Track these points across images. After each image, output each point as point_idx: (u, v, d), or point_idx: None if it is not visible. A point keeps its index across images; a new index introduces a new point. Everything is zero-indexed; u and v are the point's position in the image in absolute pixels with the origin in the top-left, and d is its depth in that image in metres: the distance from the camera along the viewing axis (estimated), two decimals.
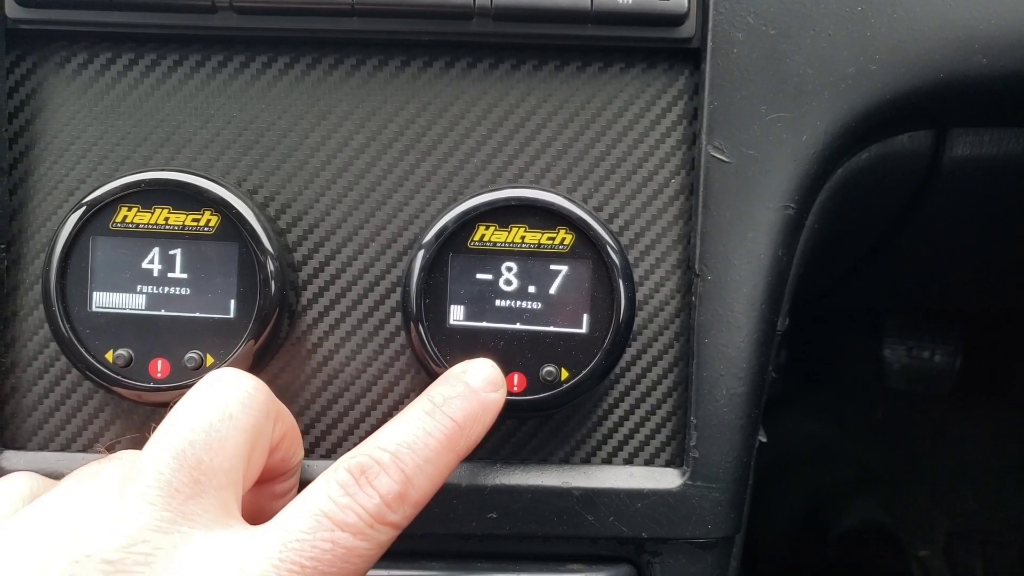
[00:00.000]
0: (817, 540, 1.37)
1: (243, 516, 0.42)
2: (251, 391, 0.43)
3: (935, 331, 1.41)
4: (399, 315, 0.55)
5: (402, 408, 0.54)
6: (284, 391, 0.55)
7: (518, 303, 0.51)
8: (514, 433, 0.55)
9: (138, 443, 0.51)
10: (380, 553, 0.42)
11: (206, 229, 0.51)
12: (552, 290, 0.51)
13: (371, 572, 0.53)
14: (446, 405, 0.45)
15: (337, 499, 0.41)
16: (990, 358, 1.42)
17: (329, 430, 0.55)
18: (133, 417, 0.55)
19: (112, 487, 0.40)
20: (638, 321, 0.55)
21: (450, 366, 0.50)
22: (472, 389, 0.47)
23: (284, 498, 0.49)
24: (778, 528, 1.38)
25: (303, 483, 0.44)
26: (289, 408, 0.55)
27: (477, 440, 0.47)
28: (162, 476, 0.39)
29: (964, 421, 1.42)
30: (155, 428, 0.42)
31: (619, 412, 0.55)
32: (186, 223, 0.51)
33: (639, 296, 0.55)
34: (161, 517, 0.38)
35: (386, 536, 0.42)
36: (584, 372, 0.51)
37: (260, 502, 0.48)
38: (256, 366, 0.52)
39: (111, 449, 0.50)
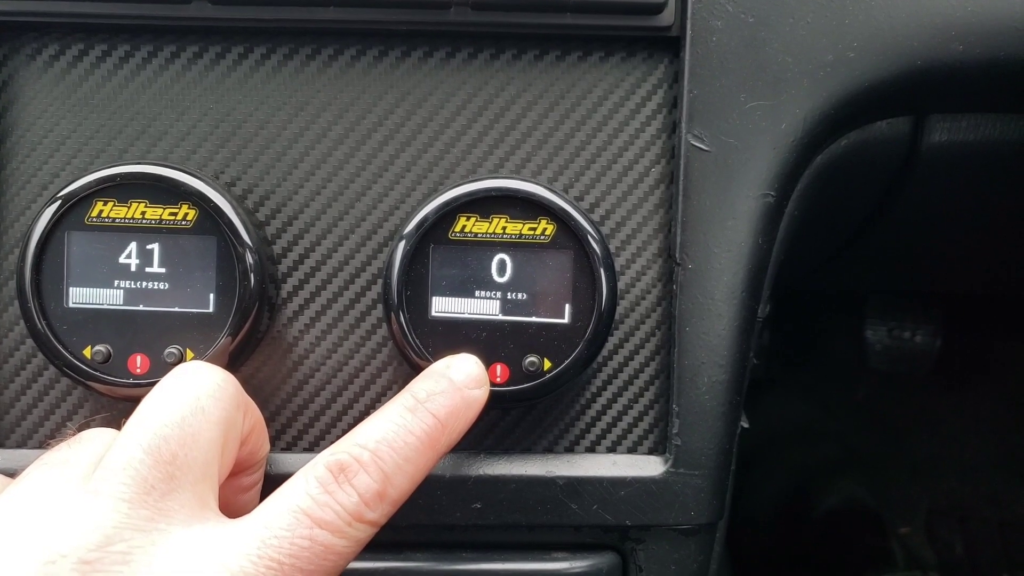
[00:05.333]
0: (801, 519, 1.38)
1: None
2: (221, 383, 0.43)
3: (916, 312, 1.42)
4: (380, 307, 0.54)
5: (384, 400, 0.55)
6: (265, 384, 0.55)
7: (500, 294, 0.51)
8: (497, 423, 0.56)
9: (109, 423, 0.50)
10: (358, 550, 0.42)
11: (184, 223, 0.51)
12: (534, 280, 0.51)
13: (356, 564, 0.54)
14: (429, 401, 0.45)
15: (316, 496, 0.41)
16: (970, 339, 1.44)
17: (311, 423, 0.55)
18: (113, 414, 0.54)
19: (82, 480, 0.40)
20: (619, 310, 0.55)
21: (432, 358, 0.50)
22: (456, 385, 0.47)
23: (250, 491, 0.49)
24: (762, 507, 1.39)
25: (283, 477, 0.44)
26: (270, 401, 0.55)
27: (458, 437, 0.47)
28: (137, 473, 0.39)
29: (944, 401, 1.44)
30: (126, 422, 0.41)
31: (602, 401, 0.56)
32: (163, 217, 0.51)
33: (620, 285, 0.55)
34: (138, 515, 0.38)
35: (364, 534, 0.42)
36: (567, 362, 0.51)
37: (227, 496, 0.47)
38: (236, 360, 0.52)
39: (83, 428, 0.49)
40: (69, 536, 0.37)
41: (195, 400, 0.41)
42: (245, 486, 0.48)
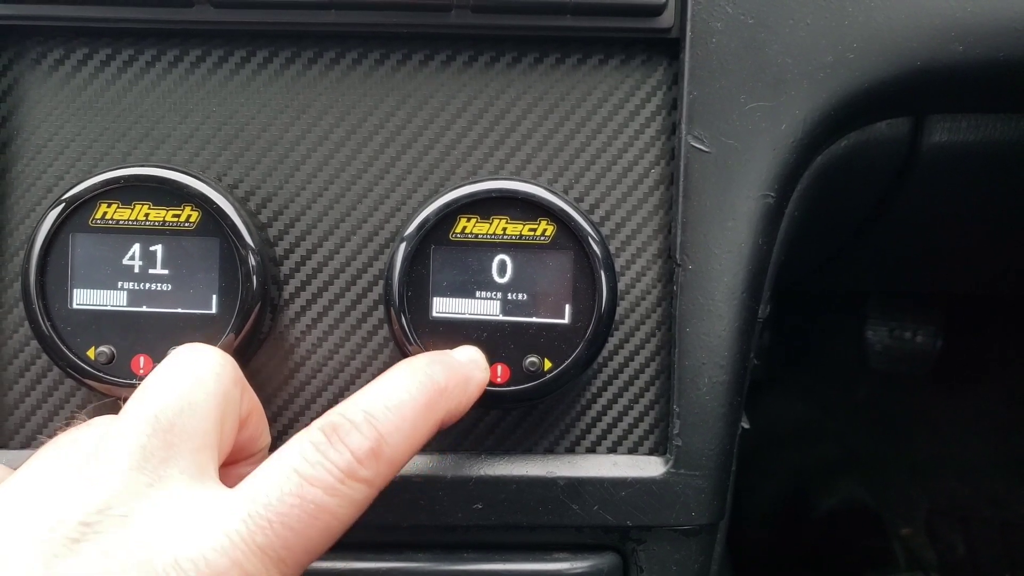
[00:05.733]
0: (801, 519, 1.38)
1: None
2: (220, 360, 0.44)
3: (917, 312, 1.42)
4: (382, 308, 0.55)
5: None
6: (267, 385, 0.55)
7: (500, 294, 0.51)
8: (498, 424, 0.56)
9: (116, 408, 0.50)
10: (355, 514, 0.41)
11: (187, 224, 0.51)
12: (534, 281, 0.51)
13: (358, 564, 0.54)
14: (429, 367, 0.46)
15: (308, 456, 0.41)
16: (970, 339, 1.44)
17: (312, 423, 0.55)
18: (122, 400, 0.55)
19: (87, 454, 0.41)
20: (620, 311, 0.55)
21: None
22: (458, 361, 0.48)
23: None
24: (763, 508, 1.39)
25: None
26: (272, 402, 0.55)
27: (459, 411, 0.47)
28: (137, 441, 0.39)
29: (944, 401, 1.44)
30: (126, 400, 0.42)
31: (602, 401, 0.56)
32: (167, 219, 0.51)
33: (620, 286, 0.55)
34: (137, 480, 0.39)
35: (359, 494, 0.41)
36: (567, 362, 0.51)
37: (229, 484, 0.48)
38: (239, 360, 0.52)
39: (92, 414, 0.50)
40: (70, 503, 0.38)
41: (194, 374, 0.42)
42: (244, 476, 0.49)
